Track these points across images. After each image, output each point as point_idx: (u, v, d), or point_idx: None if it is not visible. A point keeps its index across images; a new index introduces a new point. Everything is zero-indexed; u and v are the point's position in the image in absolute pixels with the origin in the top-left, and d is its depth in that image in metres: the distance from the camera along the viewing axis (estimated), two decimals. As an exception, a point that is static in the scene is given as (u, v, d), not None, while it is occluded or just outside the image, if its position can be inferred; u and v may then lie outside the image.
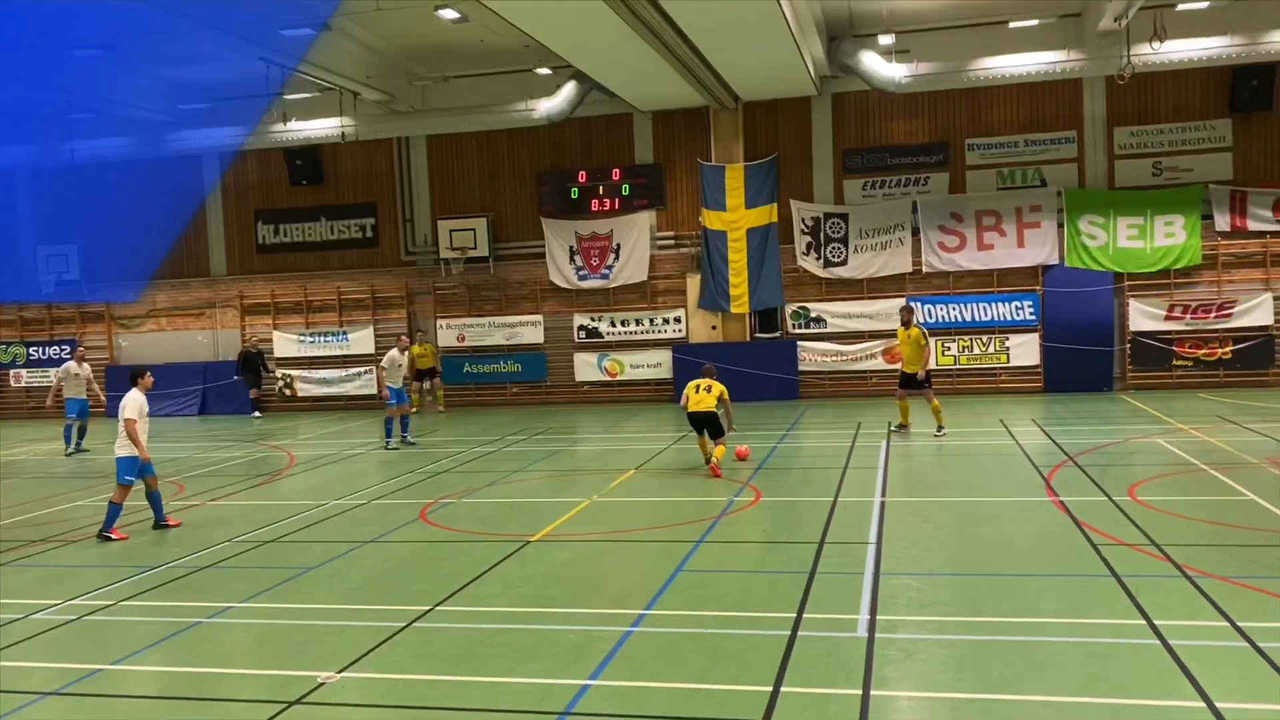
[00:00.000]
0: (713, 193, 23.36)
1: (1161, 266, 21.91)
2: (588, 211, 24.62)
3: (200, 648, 7.46)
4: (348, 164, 26.12)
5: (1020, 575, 8.33)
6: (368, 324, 26.09)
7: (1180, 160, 21.96)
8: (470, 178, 25.51)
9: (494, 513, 11.97)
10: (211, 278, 27.21)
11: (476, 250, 24.93)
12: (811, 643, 6.81)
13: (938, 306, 22.93)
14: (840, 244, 23.33)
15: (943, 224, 22.81)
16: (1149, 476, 12.25)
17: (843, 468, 13.71)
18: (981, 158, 22.85)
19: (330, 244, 26.45)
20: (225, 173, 26.80)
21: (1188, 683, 5.85)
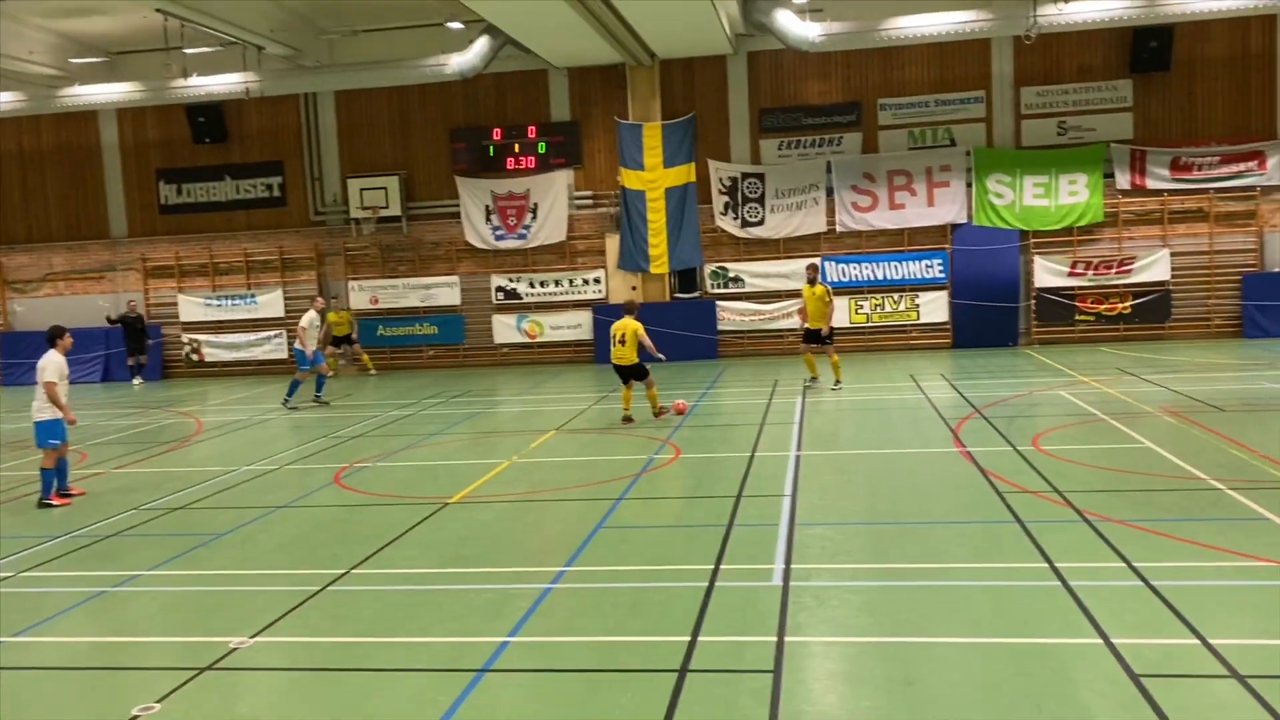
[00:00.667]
0: (631, 152, 23.26)
1: (1065, 224, 22.54)
2: (503, 170, 24.32)
3: (107, 617, 7.27)
4: (253, 121, 25.31)
5: (929, 523, 8.57)
6: (277, 286, 25.45)
7: (1084, 120, 22.54)
8: (381, 135, 24.94)
9: (411, 476, 11.86)
10: (112, 240, 26.22)
11: (388, 210, 24.46)
12: (728, 593, 6.92)
13: (851, 266, 23.27)
14: (757, 204, 23.47)
15: (855, 184, 23.09)
16: (1052, 427, 12.67)
17: (760, 424, 13.89)
18: (893, 118, 23.14)
19: (236, 204, 25.67)
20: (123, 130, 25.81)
21: (1087, 621, 6.10)
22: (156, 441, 15.34)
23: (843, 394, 16.46)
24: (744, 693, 5.35)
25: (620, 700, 5.33)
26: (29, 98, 23.29)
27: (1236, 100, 22.08)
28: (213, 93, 22.86)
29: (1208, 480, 9.38)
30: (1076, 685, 5.27)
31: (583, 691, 5.53)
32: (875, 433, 13.24)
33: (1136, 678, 5.27)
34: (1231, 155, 21.98)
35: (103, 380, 25.63)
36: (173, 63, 21.99)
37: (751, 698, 5.27)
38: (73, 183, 26.22)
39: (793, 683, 5.44)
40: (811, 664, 5.74)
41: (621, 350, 14.07)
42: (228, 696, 5.70)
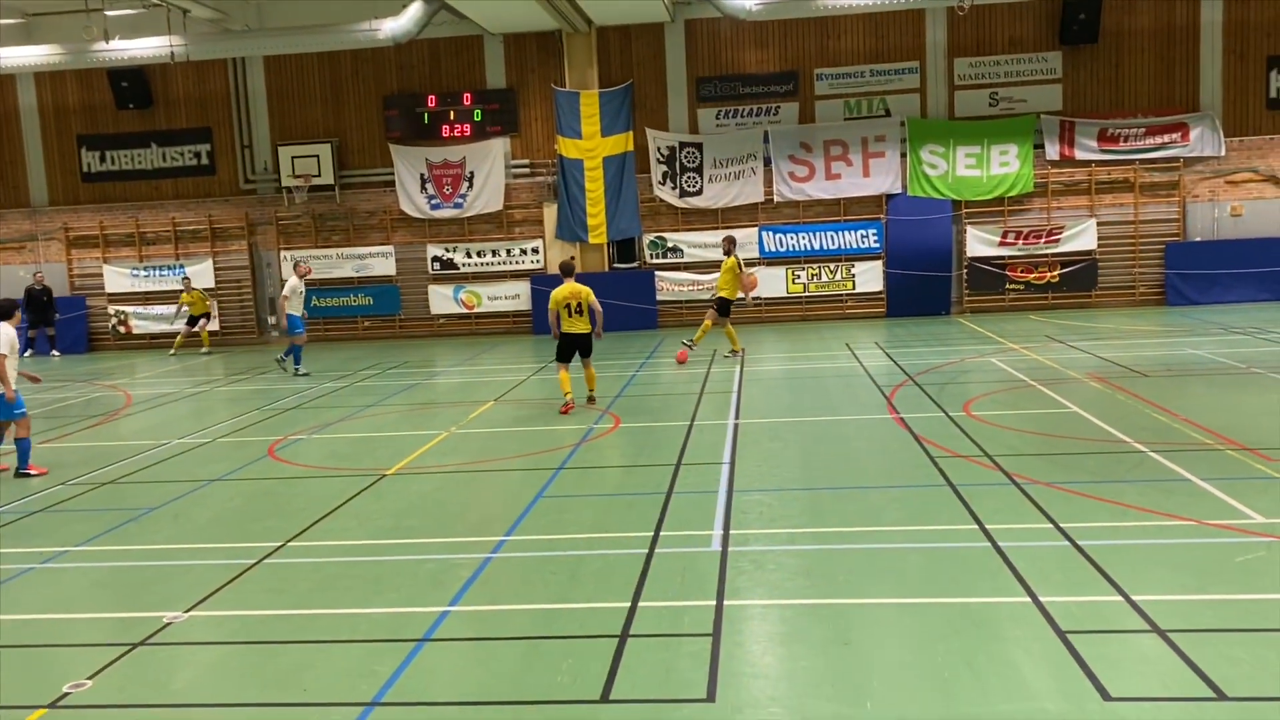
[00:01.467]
0: (568, 120, 23.09)
1: (996, 194, 22.93)
2: (438, 138, 23.99)
3: (35, 594, 7.10)
4: (179, 86, 24.62)
5: (864, 488, 8.72)
6: (206, 256, 24.89)
7: (1015, 91, 22.90)
8: (312, 102, 24.43)
9: (347, 448, 11.73)
10: (32, 208, 25.38)
11: (320, 178, 24.02)
12: (668, 559, 6.98)
13: (788, 235, 23.43)
14: (695, 173, 23.48)
15: (793, 154, 23.21)
16: (982, 393, 12.95)
17: (699, 393, 13.98)
18: (830, 88, 23.26)
19: (163, 172, 25.00)
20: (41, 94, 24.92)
21: (1015, 580, 6.27)
22: (83, 415, 14.96)
23: (779, 363, 16.61)
24: (683, 656, 5.41)
25: (561, 666, 5.36)
26: (-60, 60, 22.35)
27: (1161, 73, 22.60)
28: (136, 57, 22.12)
29: (1131, 443, 9.67)
30: (1006, 642, 5.42)
31: (523, 659, 5.54)
32: (812, 400, 13.40)
33: (1063, 634, 5.44)
34: (1156, 127, 22.52)
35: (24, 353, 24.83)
36: (93, 25, 21.24)
37: (691, 661, 5.34)
38: (-12, 149, 25.30)
39: (731, 645, 5.52)
40: (750, 626, 5.83)
41: (580, 322, 12.66)
42: (162, 671, 5.61)
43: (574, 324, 12.61)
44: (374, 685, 5.26)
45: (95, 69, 23.62)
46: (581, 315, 12.59)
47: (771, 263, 23.51)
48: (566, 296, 12.52)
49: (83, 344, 24.88)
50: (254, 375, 18.65)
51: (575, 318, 12.58)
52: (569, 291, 12.53)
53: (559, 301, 12.54)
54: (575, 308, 12.53)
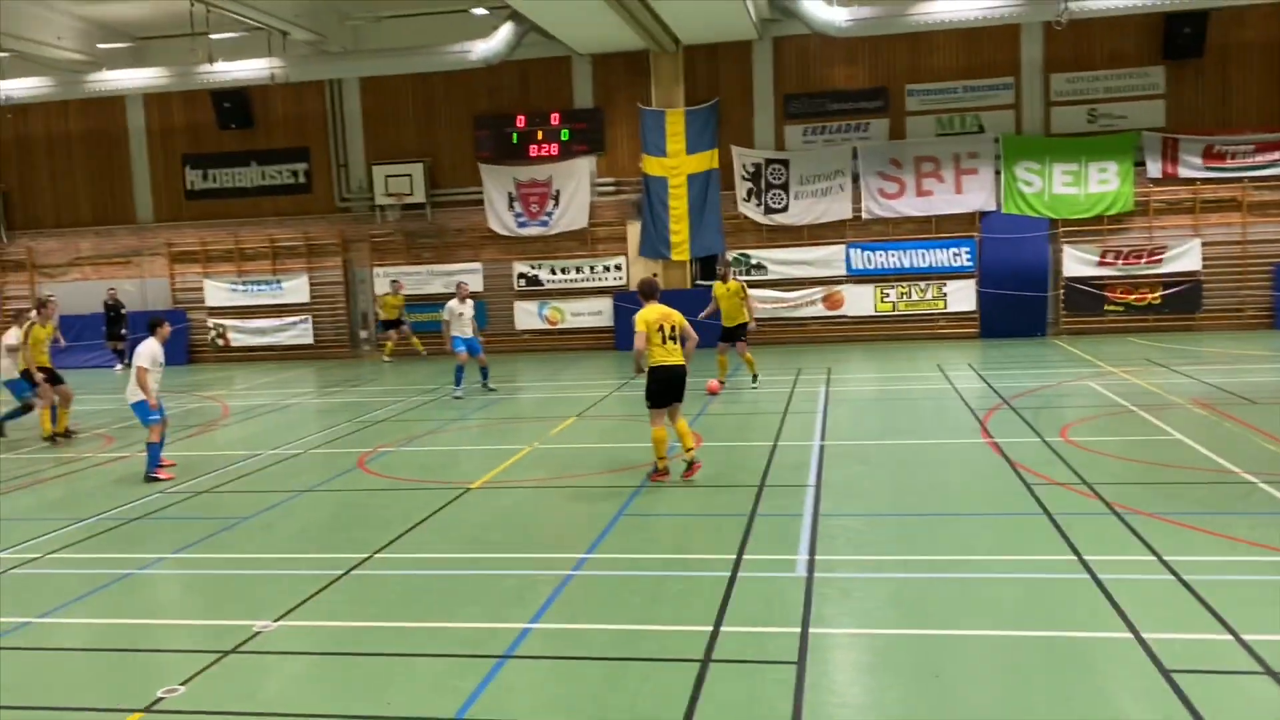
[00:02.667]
0: (653, 138, 23.15)
1: (1095, 213, 22.26)
2: (526, 157, 24.26)
3: (132, 599, 7.30)
4: (278, 107, 25.38)
5: (956, 515, 8.48)
6: (302, 272, 25.55)
7: (1114, 107, 22.22)
8: (406, 122, 24.95)
9: (433, 460, 11.86)
10: (138, 225, 26.39)
11: (413, 196, 24.48)
12: (751, 583, 6.86)
13: (877, 253, 23.08)
14: (781, 190, 23.31)
15: (882, 170, 22.89)
16: (1080, 418, 12.52)
17: (782, 413, 13.80)
18: (921, 104, 22.90)
19: (262, 190, 25.77)
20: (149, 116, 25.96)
21: (1116, 615, 6.00)
22: (183, 425, 15.42)
23: (867, 384, 16.32)
24: (768, 684, 5.29)
25: (643, 689, 5.29)
26: (57, 83, 23.45)
27: (1272, 87, 21.70)
28: (238, 78, 22.91)
29: (1240, 474, 9.23)
30: (1106, 679, 5.18)
31: (604, 680, 5.49)
32: (901, 423, 13.12)
33: (1168, 673, 5.18)
34: (1266, 144, 21.61)
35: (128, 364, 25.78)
36: (198, 48, 22.05)
37: (776, 689, 5.22)
38: (100, 168, 26.40)
39: (817, 675, 5.38)
40: (836, 656, 5.68)
41: (676, 351, 10.05)
42: (251, 680, 5.70)
43: (668, 354, 9.96)
44: (456, 701, 5.26)
45: (200, 90, 24.47)
46: (676, 343, 10.06)
47: (859, 280, 23.18)
48: (659, 319, 10.00)
49: (183, 356, 25.71)
50: (346, 388, 19.03)
51: (670, 345, 9.99)
52: (660, 314, 10.06)
53: (651, 325, 9.93)
54: (670, 333, 10.02)
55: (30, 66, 23.50)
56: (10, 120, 26.00)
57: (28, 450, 13.62)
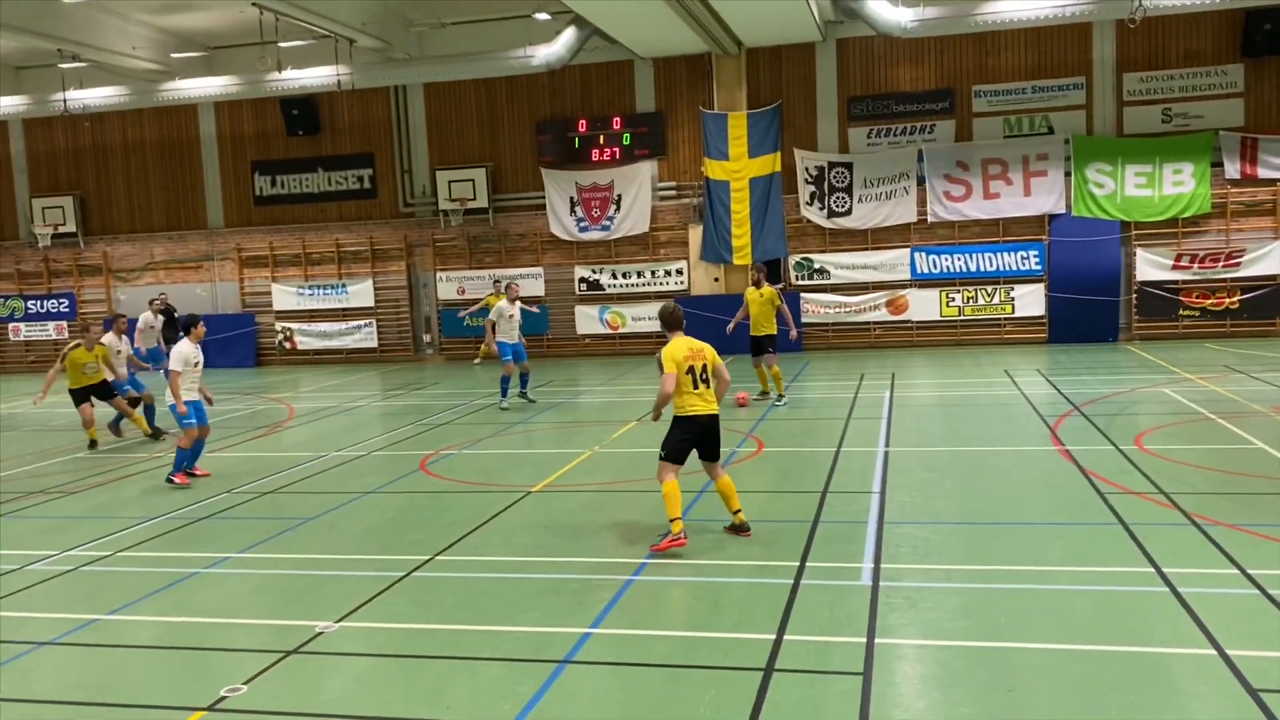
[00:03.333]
0: (715, 141, 23.03)
1: (1169, 215, 21.64)
2: (588, 161, 24.31)
3: (198, 597, 7.39)
4: (344, 114, 25.76)
5: (1026, 524, 8.24)
6: (367, 277, 25.88)
7: (1190, 107, 21.59)
8: (469, 127, 25.16)
9: (495, 463, 11.88)
10: (209, 230, 26.97)
11: (475, 201, 24.67)
12: (815, 591, 6.73)
13: (942, 257, 22.70)
14: (844, 193, 23.04)
15: (948, 173, 22.50)
16: (1156, 425, 12.13)
17: (846, 418, 13.59)
18: (988, 105, 22.48)
19: (328, 195, 26.17)
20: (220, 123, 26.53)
21: (1198, 630, 5.76)
22: (249, 427, 15.68)
23: (933, 389, 16.01)
24: (832, 694, 5.16)
25: (704, 697, 5.20)
26: (132, 91, 24.08)
27: (1358, 84, 20.91)
28: (305, 85, 23.30)
29: (1328, 484, 8.85)
30: (1188, 698, 4.97)
31: (666, 687, 5.40)
32: (968, 429, 12.84)
33: (1255, 692, 4.95)
34: (1352, 142, 20.83)
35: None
36: (267, 55, 22.47)
37: (840, 700, 5.09)
38: (173, 174, 27.04)
39: (884, 686, 5.24)
40: (904, 667, 5.53)
41: (708, 396, 7.95)
42: (313, 680, 5.72)
43: (699, 400, 7.86)
44: (515, 706, 5.21)
45: (269, 98, 24.94)
46: (708, 386, 7.94)
47: (924, 285, 22.82)
48: (688, 357, 7.84)
49: (251, 359, 26.21)
50: (409, 391, 19.20)
51: (703, 390, 7.87)
52: (689, 349, 7.88)
53: (681, 365, 7.81)
54: (701, 374, 7.87)
55: (107, 76, 24.17)
56: (88, 128, 26.77)
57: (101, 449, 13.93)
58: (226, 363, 26.12)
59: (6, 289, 28.20)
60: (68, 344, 14.74)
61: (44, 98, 24.09)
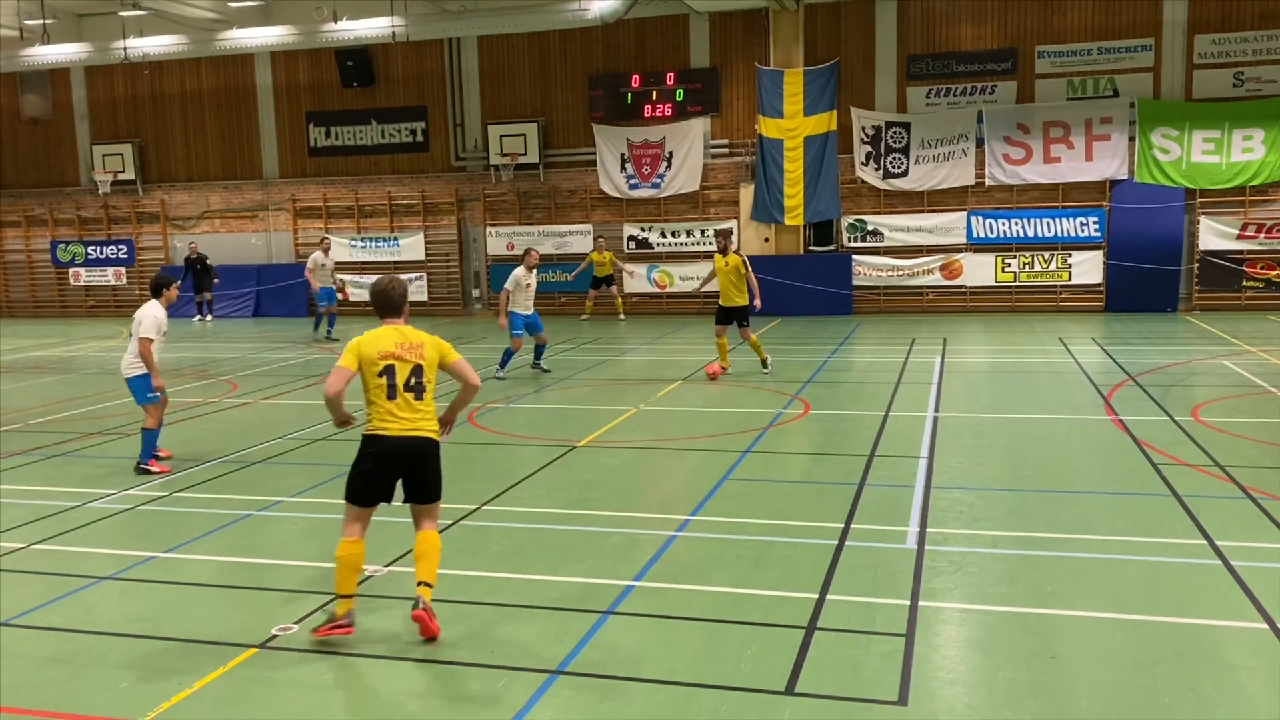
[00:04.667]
0: (770, 99, 22.72)
1: (1237, 183, 21.03)
2: (640, 117, 24.13)
3: (251, 539, 7.56)
4: (398, 66, 25.78)
5: (1076, 492, 8.14)
6: (418, 230, 26.02)
7: (1264, 70, 20.89)
8: (521, 81, 25.06)
9: (541, 418, 11.97)
10: (264, 180, 27.24)
11: (526, 156, 24.63)
12: (859, 553, 6.71)
13: (999, 221, 22.30)
14: (901, 154, 22.66)
15: (1008, 135, 22.03)
16: (1213, 398, 11.89)
17: (895, 383, 13.48)
18: (1052, 66, 21.92)
19: (381, 148, 26.27)
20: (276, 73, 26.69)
21: (1250, 604, 5.67)
22: (301, 375, 15.93)
23: (984, 355, 15.80)
24: (874, 655, 5.17)
25: (744, 653, 5.23)
26: (190, 41, 24.28)
27: None
28: (360, 36, 23.31)
29: (1392, 462, 8.63)
30: (1238, 670, 4.90)
31: (707, 641, 5.44)
32: (1019, 396, 12.67)
33: (1308, 668, 4.87)
34: None
35: (254, 315, 26.80)
36: (324, 6, 22.51)
37: (882, 661, 5.09)
38: (229, 124, 27.30)
39: (926, 648, 5.23)
40: (947, 630, 5.51)
41: (407, 408, 6.10)
42: (362, 621, 5.82)
43: (394, 416, 6.09)
44: (559, 653, 5.28)
45: (324, 49, 25.02)
46: (419, 397, 6.17)
47: (979, 249, 22.46)
48: (386, 355, 6.17)
49: (304, 309, 26.53)
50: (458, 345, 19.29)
51: (401, 400, 6.09)
52: (394, 344, 6.21)
53: (368, 360, 6.21)
54: (408, 381, 6.13)
55: (166, 25, 24.36)
56: (147, 77, 27.09)
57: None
58: (280, 312, 26.52)
59: (68, 234, 28.78)
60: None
61: (105, 45, 24.36)
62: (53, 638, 5.75)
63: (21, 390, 14.97)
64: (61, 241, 28.75)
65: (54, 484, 9.19)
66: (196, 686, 5.04)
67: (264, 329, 23.84)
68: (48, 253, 28.95)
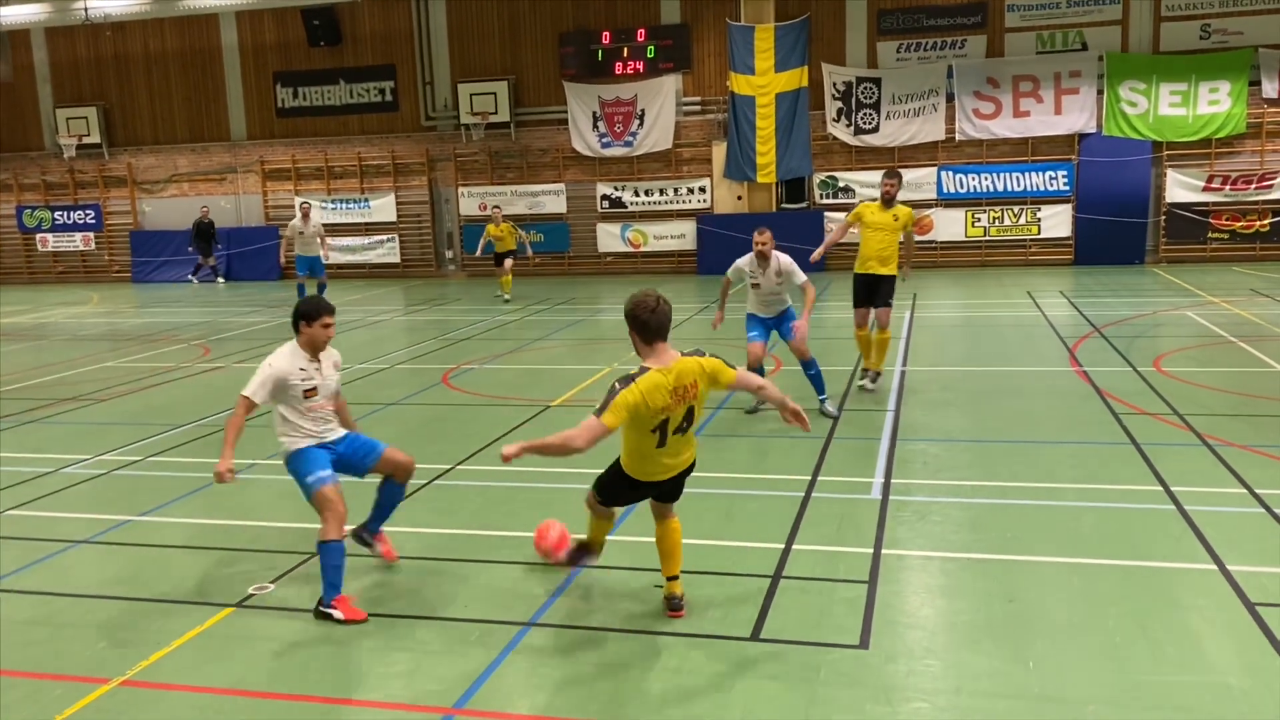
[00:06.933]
0: (741, 55, 22.62)
1: (1203, 135, 21.22)
2: (611, 75, 23.98)
3: (227, 501, 7.62)
4: (365, 24, 25.44)
5: (1038, 442, 8.32)
6: (389, 191, 25.84)
7: (1230, 22, 21.00)
8: (490, 39, 24.81)
9: (515, 378, 12.03)
10: (232, 142, 26.92)
11: (497, 115, 24.46)
12: (825, 504, 6.87)
13: (969, 176, 22.41)
14: (872, 110, 22.68)
15: (978, 90, 22.09)
16: (1176, 348, 12.12)
17: (865, 337, 13.59)
18: (1021, 19, 21.94)
19: (350, 108, 25.99)
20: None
21: (1201, 547, 5.87)
22: (275, 339, 15.88)
23: (953, 310, 15.98)
24: (838, 602, 5.33)
25: (713, 601, 5.37)
26: (154, 1, 23.84)
27: (1407, 0, 20.24)
28: (326, -5, 22.98)
29: (1344, 408, 8.86)
30: (1186, 610, 5.10)
31: (676, 592, 5.57)
32: (987, 350, 12.86)
33: (1252, 606, 5.07)
34: (1396, 61, 20.25)
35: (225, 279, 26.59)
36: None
37: (845, 607, 5.25)
38: (195, 86, 26.90)
39: (888, 594, 5.40)
40: (908, 577, 5.68)
41: (677, 449, 5.23)
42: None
43: (663, 461, 5.23)
44: (530, 607, 5.42)
45: (289, 8, 24.67)
46: (684, 434, 5.21)
47: (950, 204, 22.59)
48: (664, 408, 5.03)
49: (276, 273, 26.35)
50: (431, 306, 19.33)
51: (671, 444, 5.17)
52: (671, 390, 5.03)
53: (643, 417, 5.05)
54: (680, 424, 5.14)
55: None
56: (110, 38, 26.60)
57: (128, 358, 14.21)
58: (251, 276, 26.35)
59: (34, 199, 28.39)
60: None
61: (65, 6, 23.93)
62: (30, 600, 5.82)
63: (-9, 358, 14.89)
64: (27, 207, 28.37)
65: (27, 450, 9.21)
66: (175, 645, 5.14)
67: (236, 293, 23.70)
68: (13, 218, 28.57)
